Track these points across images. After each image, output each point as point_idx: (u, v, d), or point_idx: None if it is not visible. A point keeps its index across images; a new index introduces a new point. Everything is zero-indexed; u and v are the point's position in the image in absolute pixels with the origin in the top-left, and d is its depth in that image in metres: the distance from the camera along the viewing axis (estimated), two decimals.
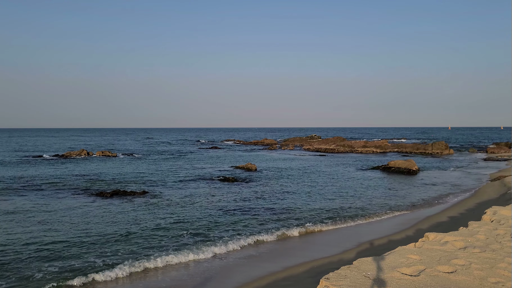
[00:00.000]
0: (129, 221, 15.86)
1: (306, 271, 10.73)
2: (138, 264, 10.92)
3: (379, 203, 20.13)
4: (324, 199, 21.05)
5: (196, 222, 15.70)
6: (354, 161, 44.55)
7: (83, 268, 10.57)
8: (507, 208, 11.78)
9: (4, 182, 26.30)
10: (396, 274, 6.42)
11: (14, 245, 12.53)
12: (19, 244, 12.58)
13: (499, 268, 6.66)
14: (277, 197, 21.52)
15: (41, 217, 16.40)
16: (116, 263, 10.92)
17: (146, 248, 12.36)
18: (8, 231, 14.16)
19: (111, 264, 10.89)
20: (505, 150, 57.35)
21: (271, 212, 17.82)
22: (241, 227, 14.99)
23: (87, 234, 13.88)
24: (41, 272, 10.30)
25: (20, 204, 19.10)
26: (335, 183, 27.08)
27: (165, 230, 14.48)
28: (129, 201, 20.12)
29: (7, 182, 26.32)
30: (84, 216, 16.58)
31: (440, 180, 29.11)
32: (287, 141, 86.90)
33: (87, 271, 10.36)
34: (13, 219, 15.93)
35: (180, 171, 33.76)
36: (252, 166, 35.00)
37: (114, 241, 13.06)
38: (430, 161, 44.64)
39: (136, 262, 11.05)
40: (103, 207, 18.57)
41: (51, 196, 21.28)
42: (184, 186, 25.31)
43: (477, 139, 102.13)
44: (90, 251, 12.00)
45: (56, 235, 13.71)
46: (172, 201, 20.05)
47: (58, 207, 18.52)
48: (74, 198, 20.78)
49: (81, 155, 48.23)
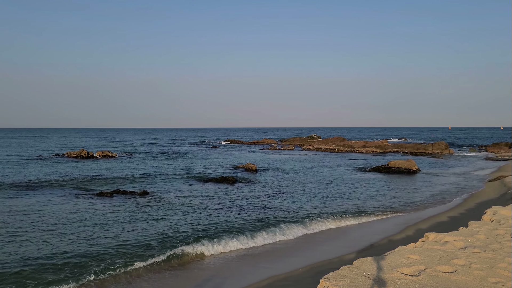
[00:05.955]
0: (129, 221, 15.85)
1: (306, 271, 10.73)
2: (137, 264, 10.91)
3: (379, 203, 20.13)
4: (324, 199, 21.05)
5: (196, 222, 15.69)
6: (354, 161, 44.53)
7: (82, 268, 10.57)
8: (507, 208, 11.78)
9: (4, 182, 26.29)
10: (396, 274, 6.41)
11: (14, 245, 12.53)
12: (18, 246, 12.58)
13: (499, 268, 6.66)
14: (277, 197, 21.51)
15: (40, 217, 16.38)
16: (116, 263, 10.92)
17: (146, 249, 12.34)
18: (8, 231, 14.15)
19: (109, 263, 10.88)
20: (505, 150, 57.34)
21: (271, 212, 17.82)
22: (240, 227, 14.97)
23: (87, 233, 13.88)
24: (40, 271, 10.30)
25: (19, 204, 19.09)
26: (335, 183, 27.08)
27: (165, 231, 14.46)
28: (129, 201, 20.11)
29: (7, 182, 26.31)
30: (84, 216, 16.56)
31: (440, 180, 29.10)
32: (287, 141, 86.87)
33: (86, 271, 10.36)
34: (12, 219, 15.91)
35: (180, 171, 33.75)
36: (252, 166, 34.98)
37: (113, 241, 13.05)
38: (430, 161, 44.63)
39: (137, 261, 11.05)
40: (103, 207, 18.56)
41: (51, 196, 21.27)
42: (183, 186, 25.31)
43: (477, 139, 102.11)
44: (89, 252, 12.00)
45: (56, 235, 13.70)
46: (172, 201, 20.04)
47: (58, 207, 18.50)
48: (74, 198, 20.76)
49: (81, 155, 48.21)
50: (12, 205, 18.87)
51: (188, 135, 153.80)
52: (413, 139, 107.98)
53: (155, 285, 9.92)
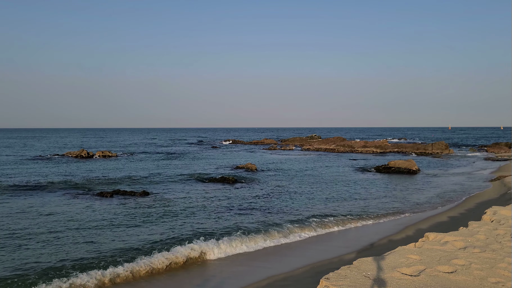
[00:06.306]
0: (129, 222, 15.85)
1: (306, 271, 10.73)
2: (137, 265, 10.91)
3: (379, 203, 20.13)
4: (324, 199, 21.05)
5: (196, 223, 15.69)
6: (354, 161, 44.54)
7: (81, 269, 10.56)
8: (507, 208, 11.78)
9: (3, 182, 26.29)
10: (396, 274, 6.42)
11: (13, 246, 12.53)
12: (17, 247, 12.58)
13: (499, 268, 6.66)
14: (277, 197, 21.51)
15: (39, 217, 16.38)
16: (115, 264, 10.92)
17: (146, 249, 12.34)
18: (8, 231, 14.15)
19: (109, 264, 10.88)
20: (505, 150, 57.35)
21: (271, 212, 17.82)
22: (241, 227, 14.97)
23: (86, 234, 13.88)
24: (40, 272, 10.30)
25: (18, 204, 19.09)
26: (335, 183, 27.08)
27: (165, 231, 14.47)
28: (129, 201, 20.11)
29: (6, 182, 26.31)
30: (84, 217, 16.56)
31: (440, 180, 29.11)
32: (287, 141, 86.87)
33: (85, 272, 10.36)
34: (11, 219, 15.91)
35: (180, 171, 33.75)
36: (252, 166, 34.99)
37: (113, 242, 13.06)
38: (430, 161, 44.64)
39: (138, 262, 11.05)
40: (103, 207, 18.56)
41: (50, 196, 21.27)
42: (183, 186, 25.31)
43: (477, 139, 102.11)
44: (88, 253, 12.00)
45: (54, 236, 13.70)
46: (172, 202, 20.04)
47: (57, 207, 18.50)
48: (73, 198, 20.76)
49: (81, 155, 48.22)
50: (11, 205, 18.87)
51: (188, 135, 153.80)
52: (413, 139, 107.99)
53: (155, 285, 9.92)
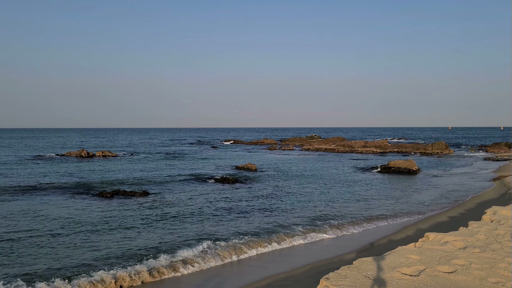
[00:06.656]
0: (129, 222, 15.85)
1: (306, 271, 10.74)
2: (137, 265, 10.91)
3: (379, 203, 20.13)
4: (324, 199, 21.05)
5: (196, 223, 15.70)
6: (354, 161, 44.55)
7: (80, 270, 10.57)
8: (507, 208, 11.79)
9: (3, 182, 26.29)
10: (396, 274, 6.42)
11: (13, 246, 12.53)
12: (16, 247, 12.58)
13: (499, 268, 6.67)
14: (277, 197, 21.52)
15: (39, 217, 16.38)
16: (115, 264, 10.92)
17: (146, 250, 12.34)
18: (7, 232, 14.15)
19: (109, 265, 10.88)
20: (505, 150, 57.36)
21: (271, 212, 17.82)
22: (241, 227, 14.98)
23: (86, 235, 13.88)
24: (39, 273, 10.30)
25: (18, 204, 19.10)
26: (335, 183, 27.09)
27: (165, 231, 14.47)
28: (129, 201, 20.11)
29: (6, 182, 26.31)
30: (83, 217, 16.56)
31: (440, 180, 29.11)
32: (287, 141, 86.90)
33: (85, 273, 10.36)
34: (11, 220, 15.91)
35: (180, 171, 33.76)
36: (252, 166, 35.00)
37: (113, 242, 13.06)
38: (430, 161, 44.65)
39: (139, 263, 11.05)
40: (103, 207, 18.57)
41: (50, 196, 21.27)
42: (184, 186, 25.32)
43: (477, 139, 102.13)
44: (88, 254, 12.00)
45: (53, 237, 13.70)
46: (172, 202, 20.05)
47: (57, 207, 18.51)
48: (73, 198, 20.77)
49: (81, 155, 48.23)
50: (11, 205, 18.87)
51: (188, 135, 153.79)
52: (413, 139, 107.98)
53: (155, 285, 9.93)
